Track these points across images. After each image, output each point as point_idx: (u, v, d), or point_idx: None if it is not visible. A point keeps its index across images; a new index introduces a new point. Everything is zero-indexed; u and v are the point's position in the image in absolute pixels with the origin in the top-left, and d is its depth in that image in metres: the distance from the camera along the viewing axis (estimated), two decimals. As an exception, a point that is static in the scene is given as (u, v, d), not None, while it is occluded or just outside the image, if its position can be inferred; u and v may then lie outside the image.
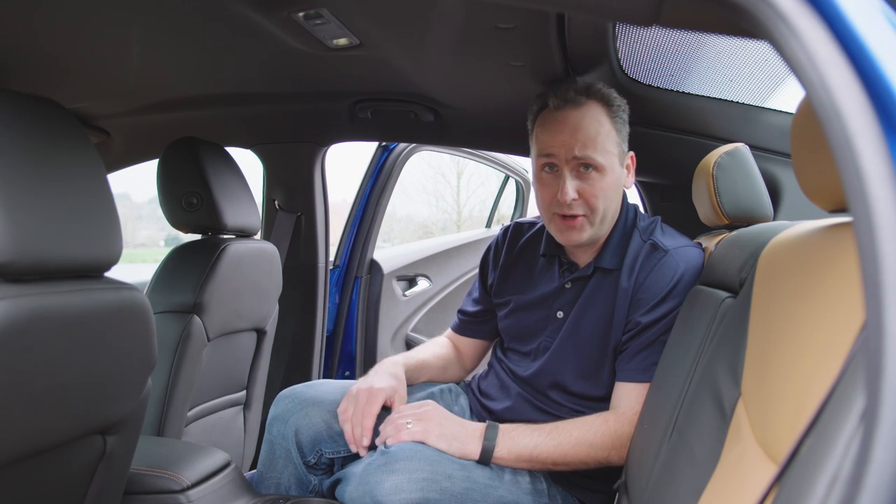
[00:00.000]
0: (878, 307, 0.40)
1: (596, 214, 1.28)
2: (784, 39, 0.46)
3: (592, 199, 1.27)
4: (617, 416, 1.24)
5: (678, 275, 1.26)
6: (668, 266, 1.27)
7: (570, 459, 1.22)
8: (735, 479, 0.72)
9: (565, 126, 1.27)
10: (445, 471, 1.15)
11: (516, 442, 1.21)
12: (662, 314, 1.25)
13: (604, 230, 1.33)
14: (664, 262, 1.28)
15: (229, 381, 1.72)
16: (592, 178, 1.27)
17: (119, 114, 1.85)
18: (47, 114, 0.89)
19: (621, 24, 1.35)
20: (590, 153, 1.26)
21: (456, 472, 1.16)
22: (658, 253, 1.30)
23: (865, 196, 0.42)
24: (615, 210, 1.33)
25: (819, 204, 0.72)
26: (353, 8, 1.13)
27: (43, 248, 0.81)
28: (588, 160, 1.26)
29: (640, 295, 1.28)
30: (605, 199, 1.28)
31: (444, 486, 1.13)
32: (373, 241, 2.46)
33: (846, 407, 0.46)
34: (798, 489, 0.47)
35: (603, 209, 1.28)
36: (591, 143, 1.26)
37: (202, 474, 1.26)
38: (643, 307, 1.27)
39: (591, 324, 1.32)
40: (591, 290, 1.34)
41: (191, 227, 1.59)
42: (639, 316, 1.27)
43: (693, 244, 1.35)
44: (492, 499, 1.19)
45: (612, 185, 1.29)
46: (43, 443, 0.89)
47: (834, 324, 0.60)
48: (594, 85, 1.31)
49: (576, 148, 1.25)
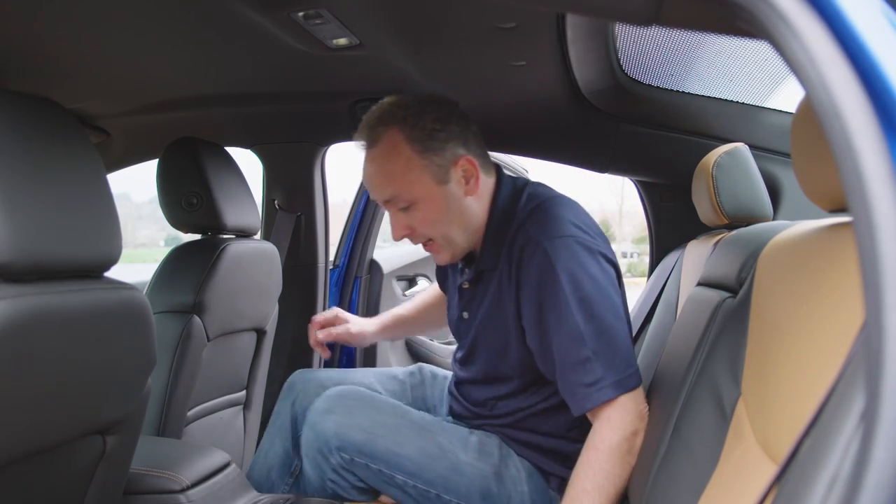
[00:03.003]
0: (878, 307, 0.40)
1: (436, 239, 1.26)
2: (784, 39, 0.46)
3: (423, 229, 1.25)
4: (603, 432, 1.11)
5: (575, 277, 1.14)
6: (540, 260, 1.17)
7: (611, 500, 1.10)
8: (735, 479, 0.72)
9: (370, 172, 1.24)
10: (381, 412, 1.29)
11: None
12: (578, 322, 1.12)
13: (466, 242, 1.28)
14: (535, 255, 1.17)
15: (229, 381, 1.72)
16: (412, 212, 1.23)
17: (119, 114, 1.86)
18: (47, 114, 0.89)
19: (621, 24, 1.35)
20: (395, 194, 1.21)
21: (389, 418, 1.28)
22: (529, 246, 1.19)
23: (865, 196, 0.42)
24: (465, 224, 1.26)
25: (819, 204, 0.72)
26: (353, 8, 1.13)
27: (43, 248, 0.81)
28: (397, 201, 1.22)
29: (534, 303, 1.17)
30: (438, 225, 1.24)
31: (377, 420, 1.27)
32: (373, 241, 2.45)
33: (846, 407, 0.46)
34: (798, 489, 0.47)
35: (441, 233, 1.25)
36: (392, 185, 1.21)
37: (202, 474, 1.26)
38: (546, 316, 1.16)
39: (489, 326, 1.29)
40: (483, 290, 1.30)
41: (191, 227, 1.59)
42: (553, 327, 1.15)
43: (563, 223, 1.20)
44: (431, 441, 1.26)
45: (437, 209, 1.22)
46: (43, 442, 0.89)
47: (834, 324, 0.60)
48: (385, 115, 1.22)
49: (384, 193, 1.22)
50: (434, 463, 1.25)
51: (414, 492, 1.26)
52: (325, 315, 1.55)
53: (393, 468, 1.24)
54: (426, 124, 1.20)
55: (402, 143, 1.19)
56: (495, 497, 1.25)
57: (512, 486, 1.26)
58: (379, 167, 1.22)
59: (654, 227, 2.21)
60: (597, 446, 1.11)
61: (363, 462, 1.25)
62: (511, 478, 1.27)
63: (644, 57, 1.55)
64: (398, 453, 1.24)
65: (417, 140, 1.19)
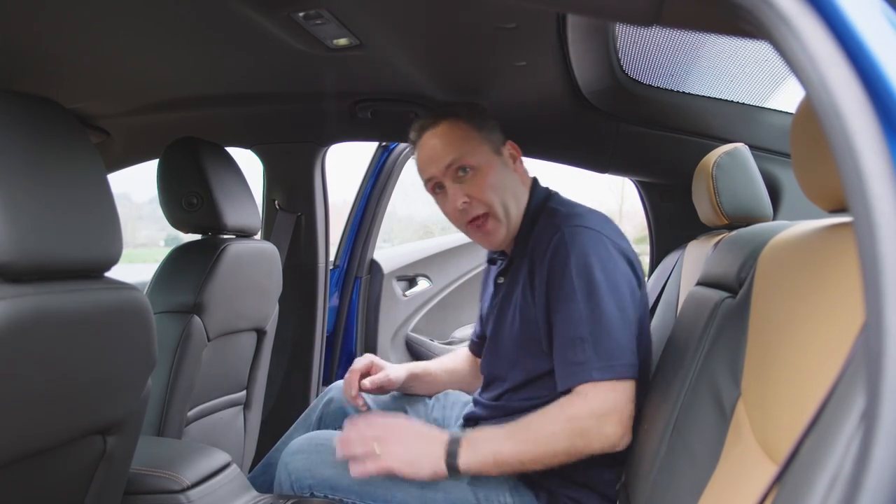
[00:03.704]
0: (878, 307, 0.40)
1: (495, 208, 1.30)
2: (784, 39, 0.46)
3: (482, 196, 1.30)
4: (574, 400, 1.15)
5: (585, 262, 1.18)
6: (557, 241, 1.22)
7: (535, 458, 1.15)
8: (735, 479, 0.72)
9: (430, 146, 1.33)
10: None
11: (478, 452, 1.15)
12: (581, 301, 1.16)
13: (515, 220, 1.33)
14: (553, 238, 1.23)
15: (229, 381, 1.72)
16: (473, 178, 1.30)
17: (119, 114, 1.85)
18: (47, 114, 0.88)
19: (621, 24, 1.35)
20: (457, 156, 1.30)
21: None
22: (549, 230, 1.25)
23: (865, 196, 0.42)
24: (517, 197, 1.34)
25: (819, 204, 0.72)
26: (353, 8, 1.13)
27: (43, 248, 0.81)
28: (459, 163, 1.30)
29: (544, 278, 1.22)
30: (496, 191, 1.30)
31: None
32: (373, 241, 2.45)
33: (846, 407, 0.46)
34: (798, 489, 0.47)
35: (500, 201, 1.30)
36: (454, 149, 1.30)
37: (202, 474, 1.26)
38: (558, 296, 1.20)
39: (510, 316, 1.32)
40: (510, 281, 1.35)
41: (191, 227, 1.59)
42: (557, 305, 1.20)
43: (590, 220, 1.26)
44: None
45: (496, 176, 1.31)
46: (43, 443, 0.89)
47: (834, 324, 0.60)
48: (444, 107, 1.38)
49: (445, 158, 1.30)
50: (405, 483, 1.21)
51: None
52: (362, 363, 1.52)
53: (365, 498, 1.24)
54: (478, 116, 1.35)
55: (460, 122, 1.33)
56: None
57: (494, 496, 1.24)
58: (441, 138, 1.32)
59: (654, 227, 2.21)
60: (561, 407, 1.15)
61: (337, 498, 1.25)
62: (491, 489, 1.24)
63: (644, 57, 1.55)
64: (368, 482, 1.22)
65: (473, 120, 1.34)
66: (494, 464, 1.15)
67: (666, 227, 2.16)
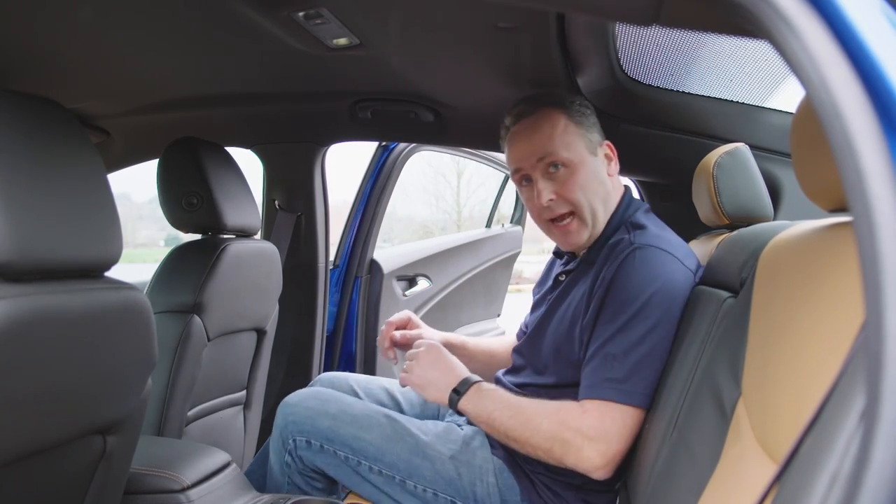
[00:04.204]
0: (878, 307, 0.40)
1: (582, 209, 1.27)
2: (784, 39, 0.46)
3: (570, 195, 1.27)
4: (575, 409, 1.15)
5: (648, 286, 1.15)
6: (626, 257, 1.18)
7: (517, 437, 1.18)
8: (735, 479, 0.72)
9: (523, 136, 1.30)
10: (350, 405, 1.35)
11: (478, 405, 1.22)
12: (627, 321, 1.14)
13: (601, 223, 1.30)
14: (623, 252, 1.20)
15: (229, 381, 1.72)
16: (564, 175, 1.27)
17: (119, 114, 1.86)
18: (47, 114, 0.89)
19: (621, 24, 1.35)
20: (550, 151, 1.26)
21: (357, 410, 1.34)
22: (622, 245, 1.22)
23: (865, 196, 0.42)
24: (606, 202, 1.30)
25: (819, 204, 0.72)
26: (353, 8, 1.13)
27: (43, 247, 0.81)
28: (551, 158, 1.26)
29: (605, 287, 1.19)
30: (585, 192, 1.27)
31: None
32: (373, 241, 2.45)
33: (846, 406, 0.46)
34: (798, 488, 0.47)
35: (588, 202, 1.27)
36: (549, 143, 1.26)
37: (202, 474, 1.26)
38: (608, 310, 1.18)
39: (560, 315, 1.30)
40: (571, 281, 1.32)
41: (191, 227, 1.59)
42: (603, 318, 1.18)
43: (671, 244, 1.23)
44: (395, 427, 1.30)
45: (588, 176, 1.28)
46: (43, 442, 0.89)
47: (834, 323, 0.60)
48: (545, 94, 1.34)
49: (537, 151, 1.27)
50: (396, 446, 1.28)
51: (378, 480, 1.27)
52: (399, 317, 1.55)
53: (357, 453, 1.28)
54: (580, 108, 1.31)
55: (559, 114, 1.29)
56: (457, 484, 1.27)
57: (477, 475, 1.27)
58: (537, 128, 1.28)
59: (654, 227, 2.21)
60: (561, 408, 1.16)
61: (331, 449, 1.29)
62: (476, 467, 1.27)
63: (644, 57, 1.55)
64: (361, 438, 1.29)
65: (573, 114, 1.30)
66: (486, 422, 1.22)
67: (666, 227, 2.16)
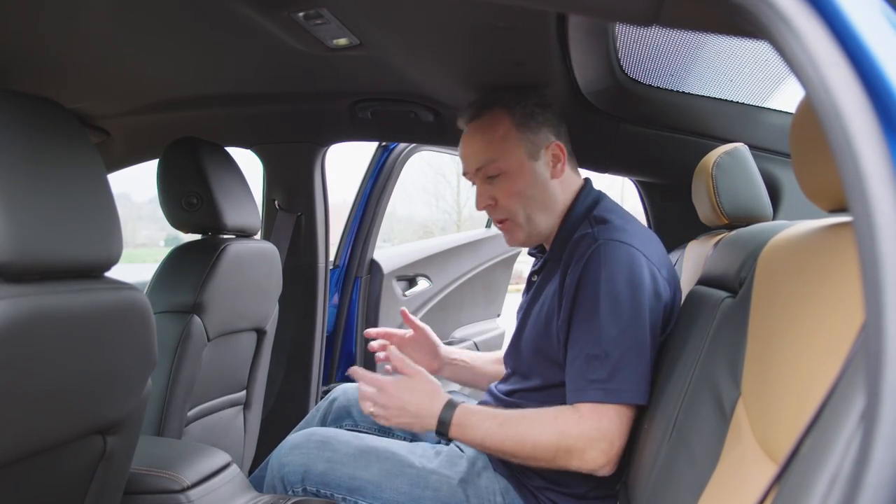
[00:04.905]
0: (878, 307, 0.40)
1: (516, 216, 1.29)
2: (784, 39, 0.46)
3: (506, 202, 1.29)
4: (570, 416, 1.14)
5: (614, 282, 1.14)
6: (591, 254, 1.17)
7: (516, 456, 1.17)
8: (735, 479, 0.72)
9: (467, 142, 1.32)
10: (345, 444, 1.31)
11: (465, 433, 1.19)
12: (600, 321, 1.14)
13: (543, 226, 1.31)
14: (588, 249, 1.18)
15: (229, 381, 1.72)
16: (501, 183, 1.29)
17: (119, 114, 1.86)
18: (47, 114, 0.88)
19: (621, 24, 1.35)
20: (485, 161, 1.28)
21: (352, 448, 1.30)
22: (586, 241, 1.20)
23: (865, 196, 0.42)
24: (546, 206, 1.29)
25: (819, 204, 0.72)
26: (353, 8, 1.13)
27: (43, 247, 0.81)
28: (486, 171, 1.29)
29: (573, 288, 1.18)
30: (522, 199, 1.28)
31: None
32: (373, 241, 2.46)
33: (846, 407, 0.46)
34: (798, 489, 0.47)
35: (523, 209, 1.28)
36: (484, 152, 1.28)
37: (202, 474, 1.26)
38: (581, 310, 1.17)
39: (535, 315, 1.30)
40: (542, 281, 1.32)
41: (191, 227, 1.59)
42: (577, 319, 1.17)
43: (632, 236, 1.21)
44: (392, 461, 1.27)
45: (526, 183, 1.28)
46: (43, 442, 0.89)
47: (834, 323, 0.60)
48: (491, 95, 1.33)
49: (474, 161, 1.30)
50: (395, 480, 1.25)
51: None
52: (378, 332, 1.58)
53: (354, 493, 1.26)
54: (527, 105, 1.30)
55: (504, 117, 1.29)
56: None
57: (484, 497, 1.25)
58: (479, 135, 1.30)
59: (653, 227, 2.21)
60: (555, 418, 1.15)
61: (328, 493, 1.27)
62: (482, 488, 1.25)
63: (644, 57, 1.55)
64: (358, 477, 1.26)
65: (518, 116, 1.29)
66: (479, 447, 1.20)
67: (666, 227, 2.16)
